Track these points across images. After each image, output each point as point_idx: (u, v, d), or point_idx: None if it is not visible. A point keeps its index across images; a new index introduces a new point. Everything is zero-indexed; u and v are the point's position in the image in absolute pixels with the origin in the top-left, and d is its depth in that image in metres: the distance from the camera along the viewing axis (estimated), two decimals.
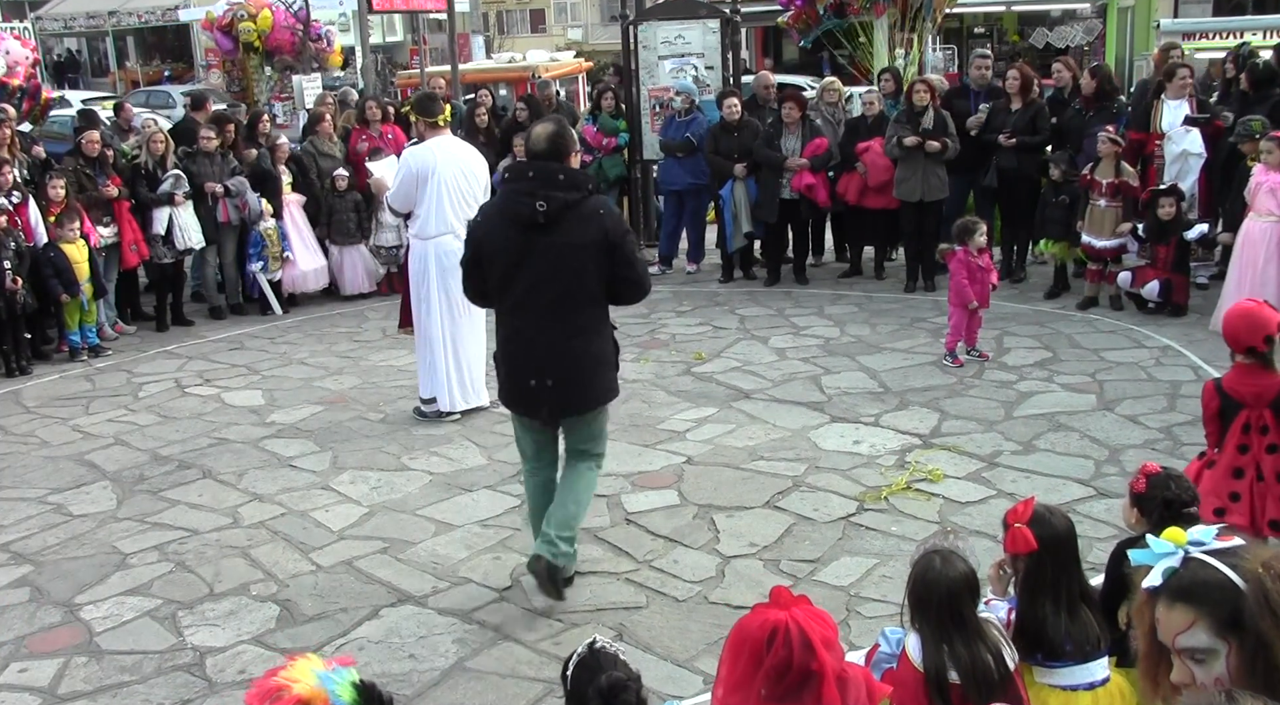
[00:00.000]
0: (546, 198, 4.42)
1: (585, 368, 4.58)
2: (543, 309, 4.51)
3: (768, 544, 5.17)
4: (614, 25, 30.70)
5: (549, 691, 4.06)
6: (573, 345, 4.53)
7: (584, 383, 4.60)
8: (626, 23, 11.94)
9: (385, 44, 33.04)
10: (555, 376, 4.54)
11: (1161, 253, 8.48)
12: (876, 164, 9.74)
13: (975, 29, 27.52)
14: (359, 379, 8.11)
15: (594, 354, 4.60)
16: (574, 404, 4.64)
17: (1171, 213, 8.34)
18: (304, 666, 2.12)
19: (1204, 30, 15.18)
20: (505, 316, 4.67)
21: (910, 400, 7.03)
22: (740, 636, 2.19)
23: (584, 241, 4.45)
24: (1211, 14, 18.88)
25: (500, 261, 4.54)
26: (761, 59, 28.31)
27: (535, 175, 4.51)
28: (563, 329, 4.52)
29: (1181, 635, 1.81)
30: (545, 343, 4.52)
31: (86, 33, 35.31)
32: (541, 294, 4.50)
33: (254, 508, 5.89)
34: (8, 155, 8.88)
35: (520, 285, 4.53)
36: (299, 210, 10.31)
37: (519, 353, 4.61)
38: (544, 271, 4.47)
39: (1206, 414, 4.42)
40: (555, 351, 4.52)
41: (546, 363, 4.53)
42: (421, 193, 6.81)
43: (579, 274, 4.48)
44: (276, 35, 16.95)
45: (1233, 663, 1.77)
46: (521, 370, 4.60)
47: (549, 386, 4.54)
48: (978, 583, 2.87)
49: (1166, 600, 1.83)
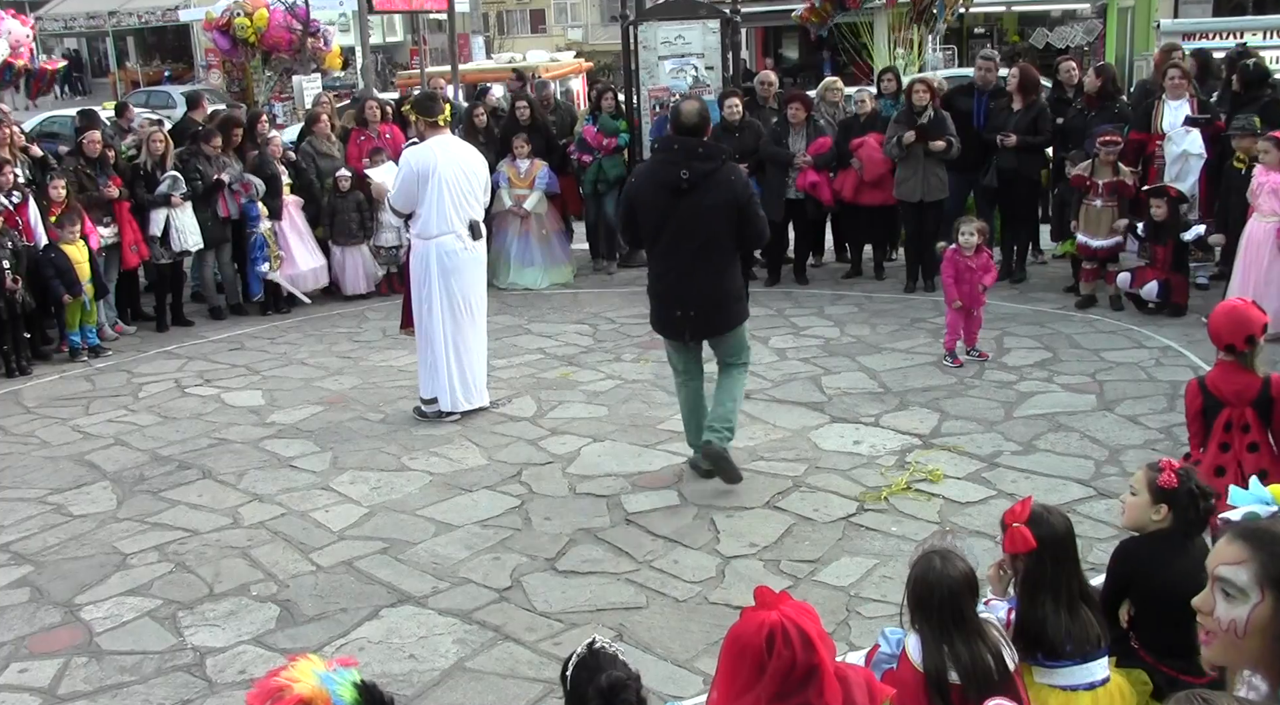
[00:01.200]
0: (689, 167, 5.45)
1: (719, 301, 5.65)
2: (685, 255, 5.55)
3: (768, 544, 5.17)
4: (614, 25, 30.72)
5: (549, 691, 4.05)
6: (709, 283, 5.59)
7: (720, 312, 5.67)
8: (626, 23, 11.94)
9: (385, 44, 33.08)
10: (696, 309, 5.62)
11: (1160, 253, 8.48)
12: (872, 157, 9.74)
13: (975, 29, 27.51)
14: (359, 379, 8.11)
15: (726, 289, 5.66)
16: (713, 329, 5.73)
17: (1162, 212, 8.35)
18: (305, 667, 2.12)
19: (1204, 30, 15.17)
20: (655, 260, 5.83)
21: (910, 400, 7.03)
22: (738, 644, 2.16)
23: (718, 202, 5.48)
24: (1211, 14, 18.89)
25: (650, 217, 5.62)
26: (762, 59, 28.30)
27: (680, 148, 5.53)
28: (701, 271, 5.57)
29: (1226, 566, 1.85)
30: (687, 283, 5.59)
31: (86, 33, 35.32)
32: (683, 243, 5.54)
33: (254, 508, 5.89)
34: (8, 155, 8.88)
35: (666, 236, 5.58)
36: (297, 211, 10.32)
37: (666, 290, 5.72)
38: (685, 226, 5.51)
39: (1190, 412, 4.43)
40: (695, 289, 5.58)
41: (688, 298, 5.61)
42: (423, 192, 6.81)
43: (713, 228, 5.51)
44: (273, 34, 16.98)
45: (1258, 614, 1.80)
46: (669, 304, 5.71)
47: (691, 316, 5.64)
48: (977, 582, 2.86)
49: (1232, 534, 1.88)
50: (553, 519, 5.57)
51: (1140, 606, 3.22)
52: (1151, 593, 3.17)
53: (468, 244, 6.95)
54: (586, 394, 7.48)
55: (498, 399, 7.36)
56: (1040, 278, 10.05)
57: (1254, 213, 7.81)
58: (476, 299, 7.07)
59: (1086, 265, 9.01)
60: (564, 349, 8.63)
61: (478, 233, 7.01)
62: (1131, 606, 3.24)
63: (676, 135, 5.61)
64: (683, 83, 11.04)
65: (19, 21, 12.55)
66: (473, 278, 7.04)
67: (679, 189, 5.47)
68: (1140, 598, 3.22)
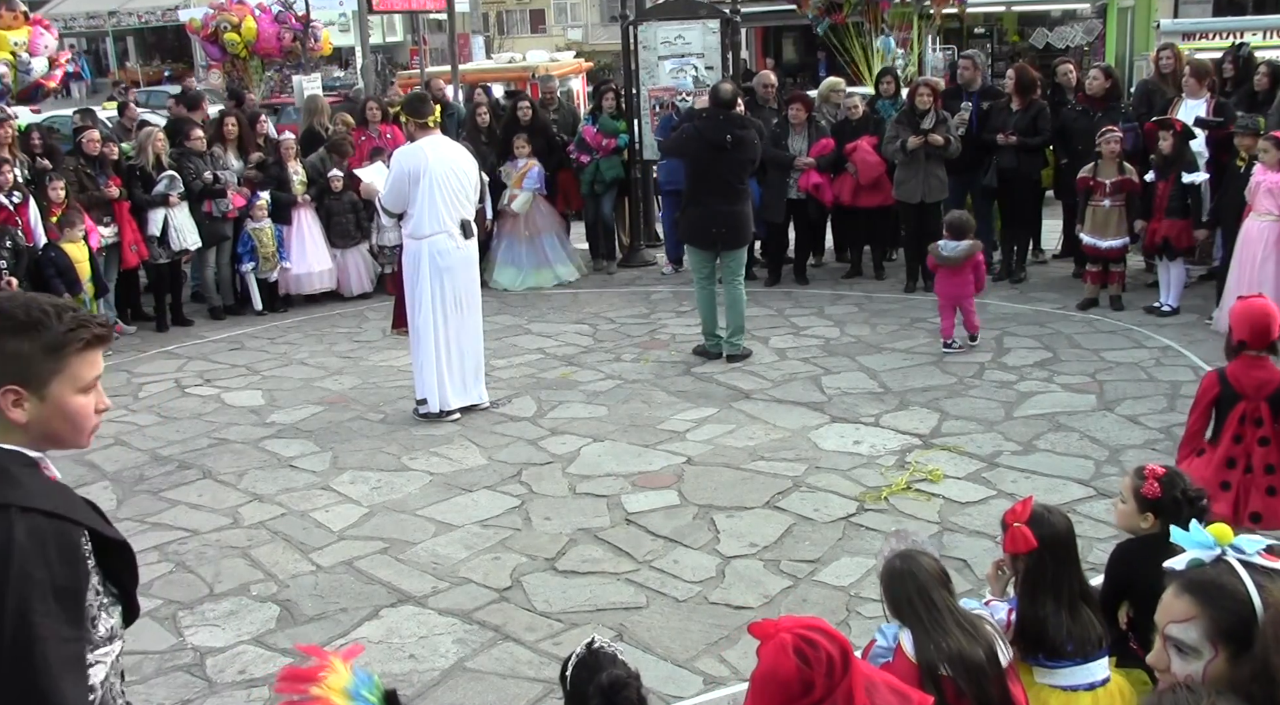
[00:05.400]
0: (731, 133, 7.76)
1: (739, 223, 8.00)
2: (719, 191, 7.86)
3: (768, 544, 5.17)
4: (614, 25, 30.69)
5: (549, 691, 4.05)
6: (737, 211, 7.96)
7: (743, 230, 8.10)
8: (626, 23, 11.93)
9: (385, 44, 33.09)
10: (727, 228, 7.91)
11: (1161, 189, 8.48)
12: (866, 161, 9.75)
13: (975, 29, 27.47)
14: (359, 379, 8.11)
15: (743, 214, 8.05)
16: (738, 242, 8.09)
17: (1169, 145, 8.36)
18: (337, 682, 2.08)
19: (1204, 30, 15.16)
20: (698, 195, 7.96)
21: (910, 400, 7.03)
22: (773, 680, 1.97)
23: (745, 158, 7.98)
24: (1211, 14, 18.87)
25: (698, 166, 7.94)
26: (762, 59, 28.26)
27: (724, 118, 7.81)
28: (731, 203, 7.91)
29: (1176, 625, 1.80)
30: (723, 210, 7.88)
31: (86, 33, 35.31)
32: (718, 184, 7.85)
33: (254, 508, 5.89)
34: (8, 155, 8.88)
35: (709, 180, 7.88)
36: (309, 211, 10.33)
37: (706, 214, 7.92)
38: (722, 173, 7.84)
39: (1202, 401, 4.46)
40: (725, 214, 7.89)
41: (722, 220, 7.89)
42: (414, 192, 6.85)
43: (740, 174, 7.99)
44: (263, 44, 16.98)
45: (1213, 668, 1.76)
46: (707, 223, 7.92)
47: (723, 232, 7.92)
48: (945, 570, 2.89)
49: (1178, 587, 1.83)
50: (553, 519, 5.57)
51: (1139, 608, 3.22)
52: (1149, 594, 3.15)
53: (459, 243, 6.99)
54: (586, 394, 7.48)
55: (498, 399, 7.36)
56: (1040, 278, 10.05)
57: (1251, 211, 7.82)
58: (469, 296, 7.11)
59: (1091, 267, 9.00)
60: (564, 349, 8.63)
61: (469, 232, 7.07)
62: (1131, 608, 3.24)
63: (717, 107, 7.86)
64: (685, 82, 11.03)
65: (50, 32, 12.52)
66: (465, 276, 7.09)
67: (723, 147, 7.73)
68: (1139, 599, 3.21)
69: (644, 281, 10.92)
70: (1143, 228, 8.60)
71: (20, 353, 2.00)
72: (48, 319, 2.01)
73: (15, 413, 2.02)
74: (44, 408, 2.04)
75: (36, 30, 12.16)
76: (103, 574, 2.06)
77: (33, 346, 2.00)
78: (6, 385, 2.00)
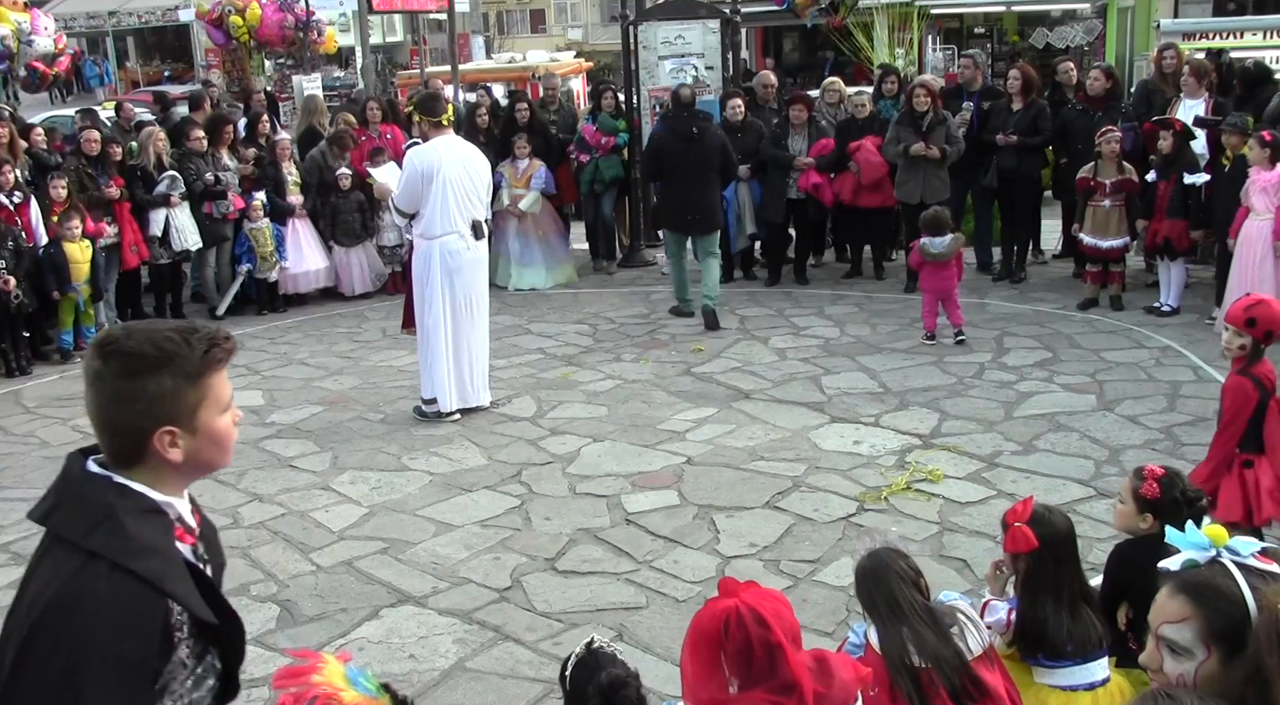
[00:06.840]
0: (696, 125, 8.81)
1: (712, 209, 8.97)
2: (691, 181, 8.79)
3: (768, 544, 5.17)
4: (614, 25, 30.70)
5: (549, 691, 4.05)
6: (708, 198, 8.89)
7: (714, 215, 9.02)
8: (626, 23, 11.94)
9: (385, 44, 33.06)
10: (700, 214, 8.87)
11: (1161, 189, 8.48)
12: (870, 161, 9.75)
13: (975, 29, 27.47)
14: (359, 379, 8.11)
15: (716, 202, 9.04)
16: (710, 227, 8.99)
17: (1169, 145, 8.37)
18: (334, 670, 2.06)
19: (1204, 30, 15.14)
20: (672, 184, 9.01)
21: (910, 400, 7.03)
22: (696, 633, 2.17)
23: (712, 146, 8.86)
24: (1211, 14, 18.84)
25: (669, 158, 8.89)
26: (762, 59, 28.26)
27: (688, 114, 8.91)
28: (703, 190, 8.84)
29: (1169, 625, 1.81)
30: (695, 197, 8.81)
31: (86, 33, 35.28)
32: (692, 173, 8.77)
33: (254, 508, 5.89)
34: (8, 155, 8.87)
35: (681, 169, 8.80)
36: (303, 212, 10.33)
37: (681, 202, 8.91)
38: (693, 162, 8.77)
39: (1245, 412, 4.22)
40: (699, 201, 8.84)
41: (695, 207, 8.83)
42: (427, 192, 6.82)
43: (709, 163, 8.85)
44: (266, 30, 17.06)
45: (1205, 670, 1.76)
46: (682, 210, 8.92)
47: (696, 219, 8.88)
48: (915, 567, 2.90)
49: (1172, 588, 1.83)
50: (553, 519, 5.57)
51: (1138, 608, 3.22)
52: (1148, 594, 3.15)
53: (470, 244, 6.97)
54: (586, 394, 7.48)
55: (498, 399, 7.36)
56: (1040, 278, 10.06)
57: (1249, 212, 7.82)
58: (478, 298, 7.09)
59: (1091, 267, 9.00)
60: (564, 349, 8.63)
61: (480, 232, 7.03)
62: (1130, 608, 3.24)
63: (679, 107, 9.03)
64: (685, 82, 11.01)
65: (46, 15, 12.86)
66: (475, 277, 7.06)
67: (690, 138, 8.75)
68: (1138, 599, 3.21)
69: (644, 281, 10.92)
70: (1144, 228, 8.61)
71: (164, 391, 1.86)
72: (179, 347, 1.88)
73: (173, 453, 1.89)
74: (196, 440, 1.92)
75: (35, 13, 12.40)
76: (204, 646, 1.92)
77: (174, 381, 1.87)
78: (160, 428, 1.87)
